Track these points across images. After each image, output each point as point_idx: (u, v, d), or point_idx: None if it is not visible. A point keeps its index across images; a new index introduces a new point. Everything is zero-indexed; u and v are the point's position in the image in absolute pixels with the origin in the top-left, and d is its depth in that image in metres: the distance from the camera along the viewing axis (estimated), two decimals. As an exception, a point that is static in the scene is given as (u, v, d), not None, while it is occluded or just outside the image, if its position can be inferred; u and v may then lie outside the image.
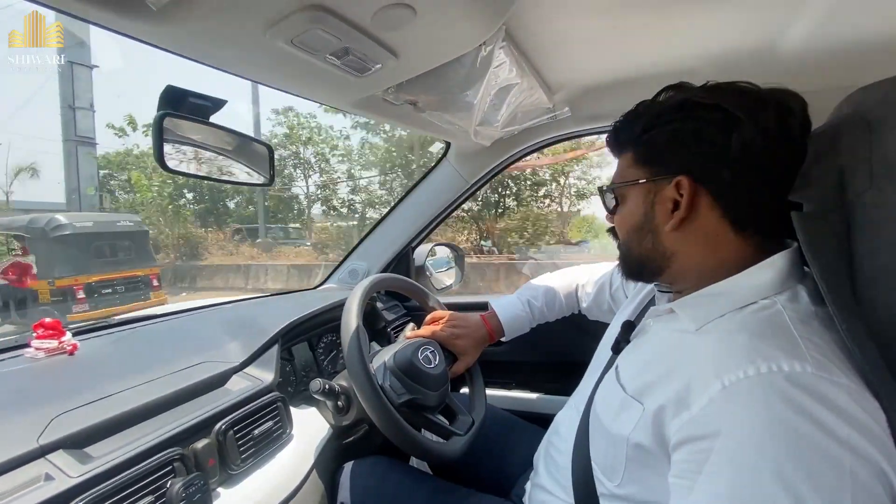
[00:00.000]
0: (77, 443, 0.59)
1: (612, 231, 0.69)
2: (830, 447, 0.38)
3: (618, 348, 0.69)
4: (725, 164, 0.53)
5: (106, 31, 0.46)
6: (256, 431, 0.77)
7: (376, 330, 1.29)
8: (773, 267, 0.53)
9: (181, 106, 0.60)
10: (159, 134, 0.58)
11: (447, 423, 0.92)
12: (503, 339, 1.07)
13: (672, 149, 0.56)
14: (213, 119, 0.67)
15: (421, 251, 1.50)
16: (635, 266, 0.64)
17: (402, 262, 1.47)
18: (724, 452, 0.41)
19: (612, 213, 0.66)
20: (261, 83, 0.66)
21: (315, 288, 1.50)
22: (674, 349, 0.56)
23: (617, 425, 0.56)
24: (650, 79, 1.01)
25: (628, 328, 0.70)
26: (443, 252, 1.61)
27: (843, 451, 0.38)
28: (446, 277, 1.61)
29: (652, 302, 0.74)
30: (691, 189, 0.54)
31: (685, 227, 0.56)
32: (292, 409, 0.88)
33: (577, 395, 0.79)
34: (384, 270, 1.45)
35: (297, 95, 0.74)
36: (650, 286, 0.77)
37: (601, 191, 0.67)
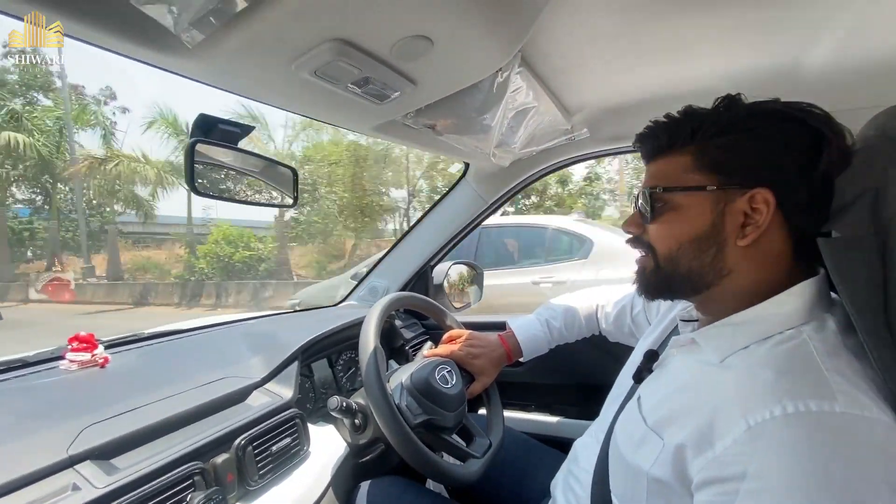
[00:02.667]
0: (104, 454, 0.61)
1: (636, 241, 0.62)
2: (863, 489, 0.37)
3: (639, 377, 0.67)
4: (806, 183, 0.51)
5: (144, 65, 0.49)
6: (275, 448, 0.78)
7: (394, 348, 1.29)
8: (799, 295, 0.51)
9: (212, 132, 0.64)
10: (191, 159, 0.61)
11: (464, 444, 0.91)
12: (521, 360, 1.06)
13: (751, 158, 0.52)
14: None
15: (440, 269, 1.50)
16: (675, 282, 0.58)
17: (421, 279, 1.48)
18: (751, 496, 0.40)
19: (651, 220, 0.59)
20: (286, 110, 0.70)
21: (335, 305, 1.52)
22: (696, 382, 0.54)
23: (637, 458, 0.55)
24: (672, 99, 1.00)
25: (651, 357, 0.68)
26: (462, 270, 1.62)
27: (876, 493, 0.36)
28: (465, 296, 1.61)
29: (676, 331, 0.72)
30: (772, 203, 0.51)
31: (754, 244, 0.53)
32: (310, 426, 0.89)
33: (597, 424, 0.77)
34: (403, 288, 1.47)
35: (321, 121, 0.77)
36: (674, 312, 0.75)
37: (641, 195, 0.59)
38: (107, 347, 0.94)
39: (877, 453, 0.38)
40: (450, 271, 1.52)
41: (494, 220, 4.42)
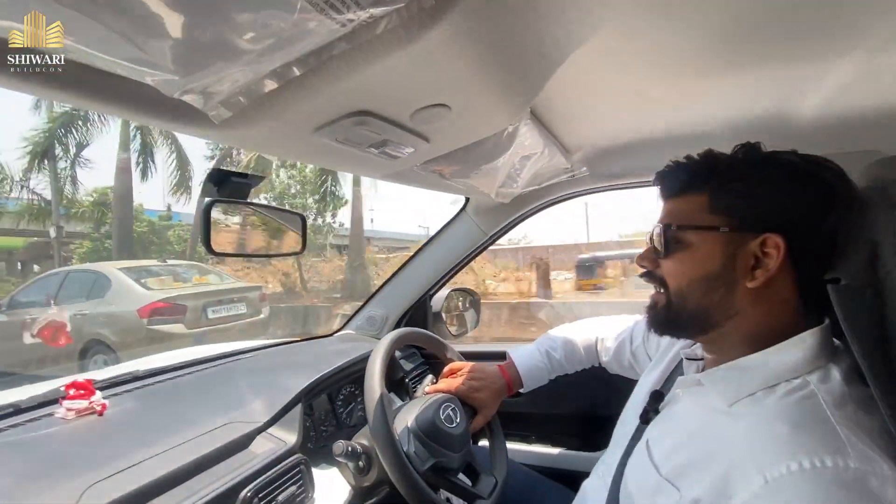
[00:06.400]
0: None
1: (650, 276, 0.64)
2: None
3: (646, 418, 0.68)
4: (815, 233, 0.53)
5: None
6: (281, 497, 0.76)
7: (394, 381, 1.28)
8: (804, 344, 0.53)
9: (225, 187, 0.63)
10: (206, 221, 0.61)
11: (470, 484, 0.91)
12: (521, 391, 1.06)
13: (766, 204, 0.55)
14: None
15: (438, 297, 1.51)
16: (685, 319, 0.60)
17: (419, 309, 1.48)
18: None
19: (663, 256, 0.61)
20: (306, 164, 0.70)
21: (332, 334, 1.51)
22: (707, 431, 0.55)
23: None
24: (667, 140, 1.03)
25: (657, 397, 0.69)
26: (459, 297, 1.62)
27: None
28: (462, 322, 1.61)
29: (678, 368, 0.73)
30: (783, 248, 0.53)
31: (762, 287, 0.54)
32: (313, 470, 0.88)
33: (604, 465, 0.77)
34: (402, 318, 1.47)
35: (338, 170, 0.78)
36: (676, 348, 0.76)
37: (658, 229, 0.61)
38: (103, 388, 0.92)
39: None
40: (448, 298, 1.52)
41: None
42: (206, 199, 0.60)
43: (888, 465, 0.42)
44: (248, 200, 0.66)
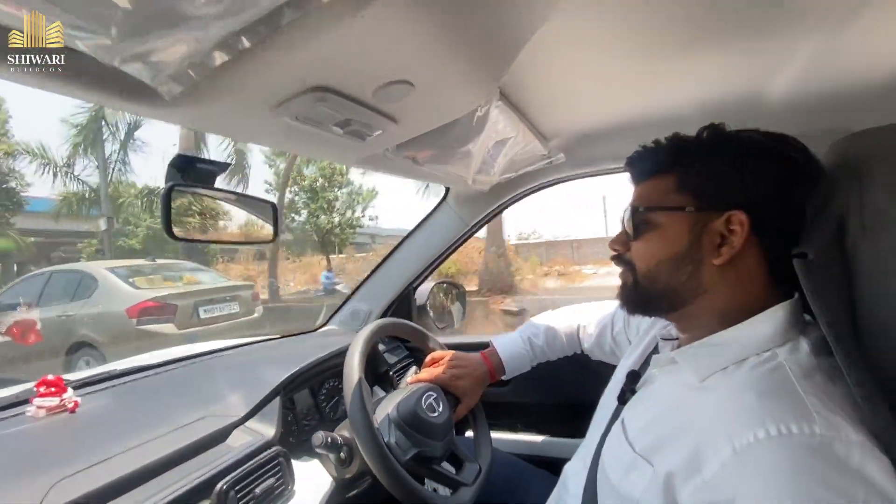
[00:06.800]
0: None
1: (618, 259, 0.66)
2: None
3: (623, 399, 0.69)
4: (779, 208, 0.54)
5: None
6: (258, 490, 0.75)
7: (379, 374, 1.27)
8: (773, 318, 0.54)
9: (189, 173, 0.62)
10: (168, 205, 0.59)
11: (454, 472, 0.90)
12: (504, 378, 1.06)
13: (729, 182, 0.56)
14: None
15: (422, 290, 1.50)
16: (654, 298, 0.61)
17: (403, 302, 1.47)
18: None
19: (633, 238, 0.63)
20: (270, 147, 0.69)
21: (315, 330, 1.49)
22: (680, 406, 0.56)
23: (626, 485, 0.55)
24: (642, 125, 1.04)
25: (633, 378, 0.69)
26: (444, 290, 1.62)
27: None
28: (447, 315, 1.60)
29: (656, 350, 0.74)
30: (747, 224, 0.54)
31: (729, 264, 0.55)
32: (294, 462, 0.87)
33: (585, 447, 0.78)
34: (386, 311, 1.46)
35: (305, 156, 0.77)
36: (654, 331, 0.77)
37: (628, 213, 0.63)
38: (77, 388, 0.90)
39: (855, 477, 0.39)
40: (432, 292, 1.51)
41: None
42: (168, 184, 0.59)
43: (854, 431, 0.42)
44: (216, 186, 0.65)
